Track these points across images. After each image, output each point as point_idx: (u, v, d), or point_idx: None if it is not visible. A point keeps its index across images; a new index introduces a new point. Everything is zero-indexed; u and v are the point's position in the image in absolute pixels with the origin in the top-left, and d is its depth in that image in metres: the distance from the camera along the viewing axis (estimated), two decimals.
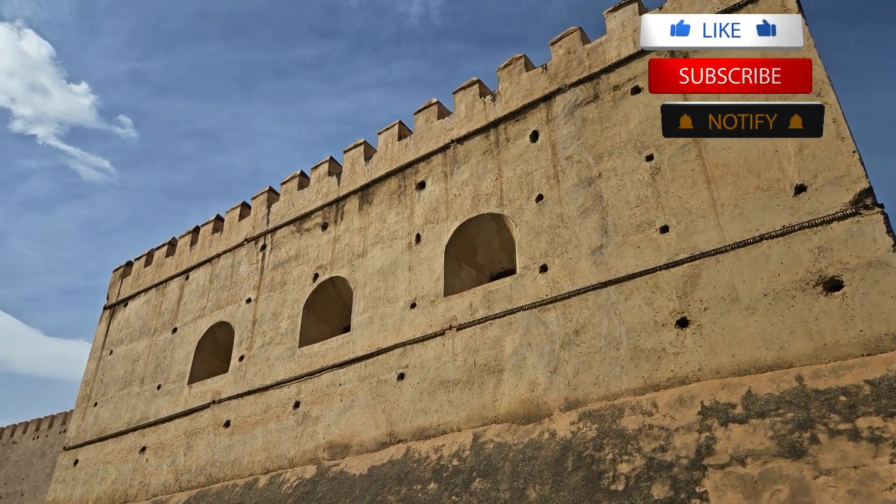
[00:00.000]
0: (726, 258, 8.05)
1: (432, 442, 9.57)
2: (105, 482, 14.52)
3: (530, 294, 9.68)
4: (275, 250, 14.40)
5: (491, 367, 9.57)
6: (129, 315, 17.37)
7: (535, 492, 7.73)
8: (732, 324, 7.69)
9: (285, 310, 13.25)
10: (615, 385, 8.27)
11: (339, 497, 9.73)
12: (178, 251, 17.21)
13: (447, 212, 11.52)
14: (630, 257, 8.86)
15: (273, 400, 12.26)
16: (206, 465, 12.58)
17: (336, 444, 10.77)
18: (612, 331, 8.61)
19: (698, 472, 6.72)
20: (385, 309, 11.49)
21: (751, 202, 8.13)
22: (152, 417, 14.43)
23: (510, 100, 11.53)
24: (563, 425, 8.34)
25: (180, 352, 15.00)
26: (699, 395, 7.47)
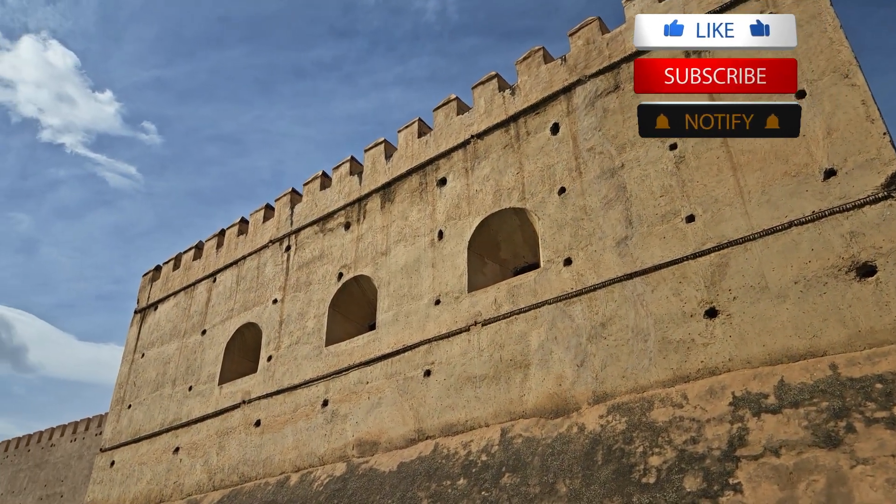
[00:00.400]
0: (755, 246, 7.91)
1: (460, 438, 9.58)
2: (141, 482, 14.82)
3: (555, 288, 9.63)
4: (299, 251, 14.52)
5: (517, 361, 9.54)
6: (160, 318, 17.68)
7: (566, 486, 7.69)
8: (763, 312, 7.56)
9: (311, 309, 13.37)
10: (644, 377, 8.19)
11: (370, 494, 9.80)
12: (204, 254, 17.46)
13: (469, 207, 11.50)
14: (656, 248, 8.75)
15: (302, 399, 12.38)
16: (239, 464, 12.76)
17: (365, 442, 10.84)
18: (640, 323, 8.52)
19: (731, 463, 6.62)
20: (409, 306, 11.53)
21: (779, 188, 7.98)
22: (184, 418, 14.68)
23: (529, 93, 11.46)
24: (591, 419, 8.29)
25: (210, 353, 15.22)
26: (730, 385, 7.36)
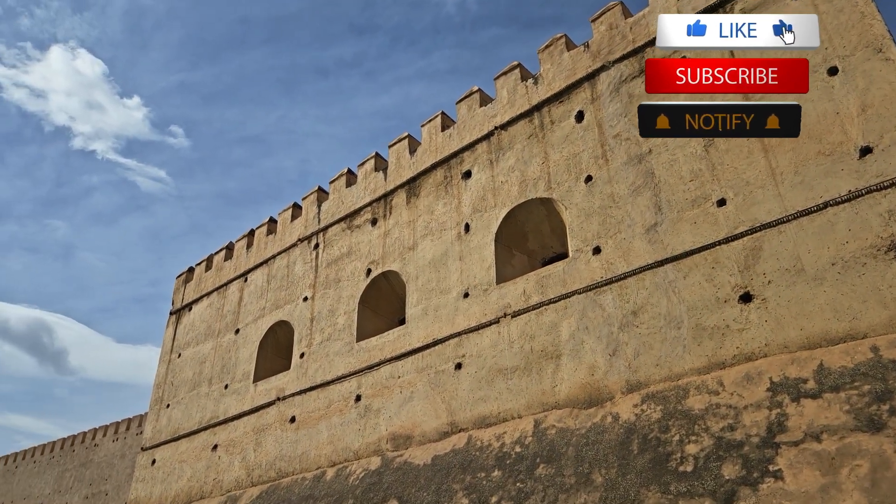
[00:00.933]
0: (789, 228, 7.73)
1: (493, 430, 9.59)
2: (181, 480, 15.15)
3: (584, 277, 9.55)
4: (327, 248, 14.65)
5: (548, 352, 9.50)
6: (194, 319, 18.01)
7: (601, 476, 7.65)
8: (799, 296, 7.40)
9: (341, 306, 13.48)
10: (678, 365, 8.09)
11: (405, 487, 9.87)
12: (235, 255, 17.73)
13: (495, 199, 11.46)
14: (687, 233, 8.62)
15: (335, 394, 12.51)
16: (276, 460, 12.96)
17: (398, 436, 10.91)
18: (672, 310, 8.41)
19: (771, 450, 6.51)
20: (438, 300, 11.55)
21: (812, 168, 7.78)
22: (221, 416, 14.95)
23: (553, 81, 11.36)
24: (625, 408, 8.22)
25: (244, 352, 15.47)
26: (767, 371, 7.22)
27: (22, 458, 38.39)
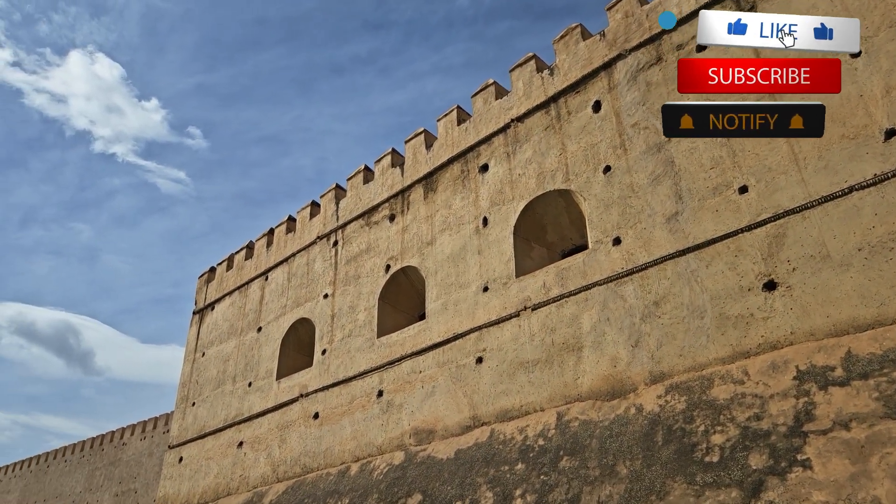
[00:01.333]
0: (813, 214, 7.60)
1: (516, 423, 9.58)
2: (208, 477, 15.36)
3: (605, 268, 9.48)
4: (346, 245, 14.71)
5: (570, 344, 9.46)
6: (217, 318, 18.22)
7: (626, 467, 7.60)
8: (825, 282, 7.27)
9: (361, 302, 13.54)
10: (702, 355, 8.00)
11: (429, 481, 9.90)
12: (255, 254, 17.89)
13: (512, 192, 11.41)
14: (708, 222, 8.51)
15: (357, 390, 12.59)
16: (300, 456, 13.08)
17: (421, 430, 10.95)
18: (695, 299, 8.32)
19: (798, 439, 6.42)
20: (458, 294, 11.55)
21: (836, 152, 7.63)
22: (246, 413, 15.12)
23: (569, 72, 11.27)
24: (649, 399, 8.16)
25: (266, 349, 15.62)
26: (793, 359, 7.12)
27: (53, 457, 39.22)
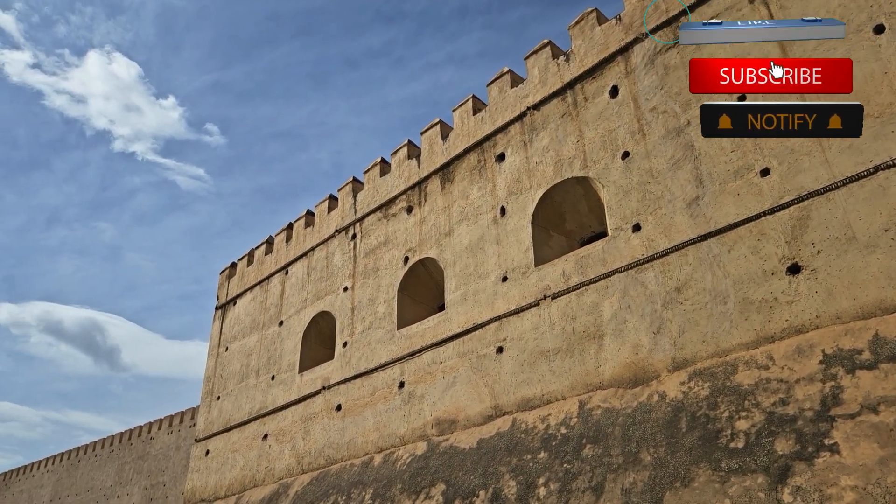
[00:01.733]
0: (838, 195, 7.45)
1: (538, 412, 9.56)
2: (234, 469, 15.58)
3: (625, 255, 9.40)
4: (365, 238, 14.76)
5: (590, 333, 9.41)
6: (239, 313, 18.42)
7: (650, 454, 7.56)
8: (851, 265, 7.14)
9: (381, 294, 13.59)
10: (725, 340, 7.91)
11: (452, 470, 9.94)
12: (275, 248, 18.02)
13: (530, 181, 11.35)
14: (730, 206, 8.39)
15: (379, 382, 12.66)
16: (324, 448, 13.21)
17: (443, 420, 10.98)
18: (717, 284, 8.22)
19: (825, 423, 6.32)
20: (477, 285, 11.54)
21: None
22: (270, 406, 15.29)
23: (585, 57, 11.15)
24: (672, 386, 8.09)
25: (288, 343, 15.76)
26: (819, 343, 7.01)
27: (84, 452, 40.06)
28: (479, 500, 9.02)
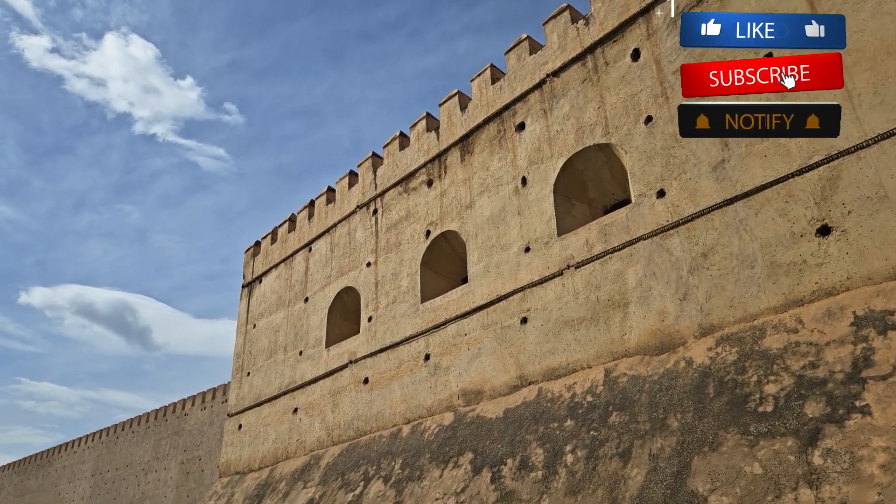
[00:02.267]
0: (869, 154, 7.24)
1: (563, 381, 9.59)
2: (267, 442, 15.95)
3: (649, 222, 9.29)
4: (386, 213, 14.78)
5: (615, 301, 9.36)
6: (265, 290, 18.67)
7: (677, 420, 7.55)
8: (883, 224, 6.96)
9: (404, 269, 13.65)
10: (753, 305, 7.81)
11: (479, 439, 10.05)
12: (298, 226, 18.16)
13: (551, 150, 11.22)
14: (757, 168, 8.21)
15: (404, 355, 12.78)
16: (353, 420, 13.43)
17: (469, 391, 11.07)
18: (744, 248, 8.09)
19: (857, 385, 6.24)
20: (499, 256, 11.51)
21: (893, 87, 7.22)
22: (299, 381, 15.56)
23: (605, 20, 10.90)
24: (699, 352, 8.03)
25: (314, 319, 15.96)
26: (850, 305, 6.88)
27: (121, 429, 41.36)
28: (507, 468, 9.11)
